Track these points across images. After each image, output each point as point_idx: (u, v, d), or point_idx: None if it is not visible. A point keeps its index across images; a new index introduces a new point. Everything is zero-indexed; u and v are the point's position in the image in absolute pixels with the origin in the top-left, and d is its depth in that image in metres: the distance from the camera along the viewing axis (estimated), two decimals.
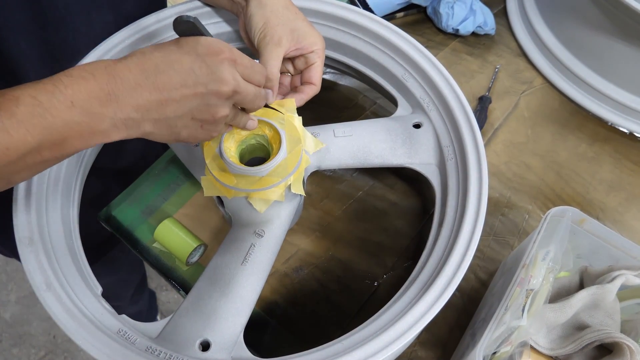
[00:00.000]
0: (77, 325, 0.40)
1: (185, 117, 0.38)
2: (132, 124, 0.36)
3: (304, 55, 0.51)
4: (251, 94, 0.41)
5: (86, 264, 0.46)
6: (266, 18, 0.48)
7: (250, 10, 0.49)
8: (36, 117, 0.32)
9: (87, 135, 0.35)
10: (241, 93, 0.40)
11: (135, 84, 0.35)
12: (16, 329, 1.43)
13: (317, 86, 0.52)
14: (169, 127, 0.38)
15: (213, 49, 0.38)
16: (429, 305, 0.41)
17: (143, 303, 1.25)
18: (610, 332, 0.45)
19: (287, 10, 0.49)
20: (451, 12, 0.79)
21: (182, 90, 0.37)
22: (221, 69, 0.38)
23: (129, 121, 0.36)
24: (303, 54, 0.51)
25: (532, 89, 0.78)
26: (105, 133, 0.36)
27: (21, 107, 0.32)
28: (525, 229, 0.63)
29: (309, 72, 0.52)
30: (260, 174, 0.45)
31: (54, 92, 0.33)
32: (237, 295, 0.46)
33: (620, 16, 0.65)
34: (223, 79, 0.38)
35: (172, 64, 0.37)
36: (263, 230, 0.49)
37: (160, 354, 0.41)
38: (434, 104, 0.55)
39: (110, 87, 0.35)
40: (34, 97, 0.32)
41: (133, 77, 0.35)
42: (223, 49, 0.38)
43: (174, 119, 0.38)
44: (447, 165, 0.52)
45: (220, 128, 0.42)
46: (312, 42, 0.50)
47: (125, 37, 0.55)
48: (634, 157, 0.71)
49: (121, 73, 0.35)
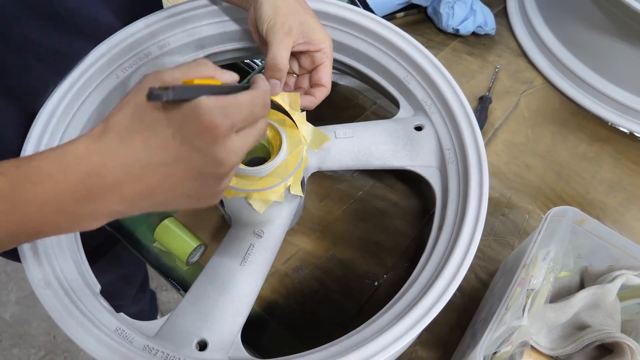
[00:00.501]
0: (74, 323, 0.40)
1: (180, 198, 0.34)
2: (116, 214, 0.33)
3: (311, 54, 0.50)
4: (258, 135, 0.37)
5: (85, 261, 0.46)
6: (277, 7, 0.47)
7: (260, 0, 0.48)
8: (3, 214, 0.29)
9: (64, 229, 0.32)
10: (245, 150, 0.35)
11: (115, 180, 0.31)
12: (16, 329, 1.43)
13: (328, 88, 0.51)
14: (162, 206, 0.34)
15: (204, 125, 0.30)
16: (429, 306, 0.41)
17: (145, 302, 1.25)
18: (610, 332, 0.45)
19: (298, 3, 0.49)
20: (451, 12, 0.79)
21: (171, 179, 0.32)
22: (215, 150, 0.32)
23: (113, 213, 0.32)
24: (310, 50, 0.49)
25: (533, 89, 0.78)
26: (86, 225, 0.32)
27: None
28: (526, 229, 0.63)
29: (317, 72, 0.50)
30: (260, 174, 0.45)
31: (22, 186, 0.29)
32: (235, 295, 0.46)
33: (620, 16, 0.65)
34: (219, 161, 0.32)
35: (155, 153, 0.31)
36: (262, 230, 0.49)
37: (158, 353, 0.41)
38: (435, 107, 0.55)
39: (86, 185, 0.30)
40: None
41: (111, 174, 0.30)
42: (217, 123, 0.31)
43: (166, 202, 0.34)
44: (448, 168, 0.52)
45: (224, 187, 0.36)
46: (321, 39, 0.49)
47: (128, 36, 0.55)
48: (634, 157, 0.71)
49: (98, 168, 0.30)
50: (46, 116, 0.49)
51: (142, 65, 0.57)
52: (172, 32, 0.58)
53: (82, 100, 0.52)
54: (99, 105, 0.54)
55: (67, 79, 0.52)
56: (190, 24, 0.59)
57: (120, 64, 0.55)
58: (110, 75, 0.55)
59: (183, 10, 0.58)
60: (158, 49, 0.57)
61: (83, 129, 0.52)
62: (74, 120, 0.52)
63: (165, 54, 0.58)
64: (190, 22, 0.59)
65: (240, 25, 0.60)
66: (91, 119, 0.54)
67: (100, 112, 0.55)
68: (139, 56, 0.57)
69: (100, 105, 0.54)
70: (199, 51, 0.60)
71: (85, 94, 0.53)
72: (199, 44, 0.60)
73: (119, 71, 0.55)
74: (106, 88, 0.54)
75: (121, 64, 0.56)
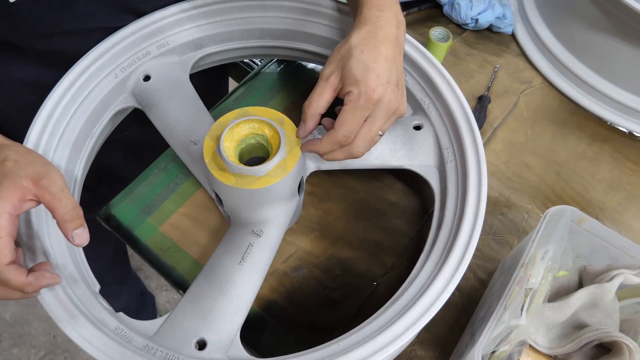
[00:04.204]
0: (74, 323, 0.40)
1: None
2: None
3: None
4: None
5: (84, 260, 0.46)
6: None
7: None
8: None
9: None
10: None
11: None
12: (16, 329, 1.43)
13: (336, 131, 0.45)
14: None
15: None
16: (428, 305, 0.41)
17: (129, 299, 1.22)
18: (609, 331, 0.45)
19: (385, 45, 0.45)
20: (470, 4, 0.80)
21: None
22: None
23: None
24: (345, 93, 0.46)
25: (532, 88, 0.78)
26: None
27: None
28: (525, 228, 0.63)
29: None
30: (259, 173, 0.45)
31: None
32: (234, 294, 0.46)
33: (620, 16, 0.65)
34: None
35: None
36: (261, 229, 0.49)
37: (157, 353, 0.41)
38: (434, 106, 0.55)
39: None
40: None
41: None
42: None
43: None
44: (447, 167, 0.52)
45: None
46: (351, 82, 0.44)
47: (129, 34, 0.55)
48: (634, 156, 0.71)
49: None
50: (45, 115, 0.50)
51: (141, 64, 0.57)
52: (171, 31, 0.58)
53: (81, 100, 0.53)
54: (98, 104, 0.54)
55: (66, 78, 0.52)
56: (189, 24, 0.59)
57: (119, 63, 0.56)
58: (109, 75, 0.55)
59: (182, 10, 0.58)
60: (157, 49, 0.58)
61: (82, 128, 0.53)
62: (72, 120, 0.52)
63: (164, 54, 0.58)
64: (189, 21, 0.59)
65: (239, 25, 0.60)
66: (90, 119, 0.54)
67: (99, 111, 0.55)
68: (137, 55, 0.57)
69: (99, 105, 0.54)
70: (197, 50, 0.60)
71: (85, 93, 0.53)
72: (198, 43, 0.60)
73: (118, 70, 0.56)
74: (105, 87, 0.55)
75: (120, 63, 0.56)
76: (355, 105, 0.44)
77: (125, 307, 1.20)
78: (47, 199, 0.38)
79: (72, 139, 0.51)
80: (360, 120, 0.45)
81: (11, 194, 0.37)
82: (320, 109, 0.46)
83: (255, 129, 0.47)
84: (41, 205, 0.42)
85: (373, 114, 0.45)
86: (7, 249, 0.37)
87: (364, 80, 0.43)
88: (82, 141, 0.53)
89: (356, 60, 0.44)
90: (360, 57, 0.44)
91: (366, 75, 0.43)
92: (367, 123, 0.45)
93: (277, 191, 0.47)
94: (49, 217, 0.45)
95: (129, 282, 1.22)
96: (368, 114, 0.45)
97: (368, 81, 0.43)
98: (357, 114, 0.44)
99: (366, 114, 0.45)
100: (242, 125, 0.47)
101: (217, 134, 0.47)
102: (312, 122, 0.46)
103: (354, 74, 0.44)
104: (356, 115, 0.44)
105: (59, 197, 0.38)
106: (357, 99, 0.44)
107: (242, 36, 0.61)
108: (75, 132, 0.52)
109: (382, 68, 0.44)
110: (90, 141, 0.54)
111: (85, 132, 0.53)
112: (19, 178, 0.38)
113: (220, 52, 0.62)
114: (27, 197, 0.38)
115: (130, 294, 1.22)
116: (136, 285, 1.29)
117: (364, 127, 0.45)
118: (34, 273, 0.38)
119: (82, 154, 0.53)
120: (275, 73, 0.73)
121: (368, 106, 0.44)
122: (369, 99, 0.44)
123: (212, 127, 0.48)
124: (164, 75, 0.57)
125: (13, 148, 0.41)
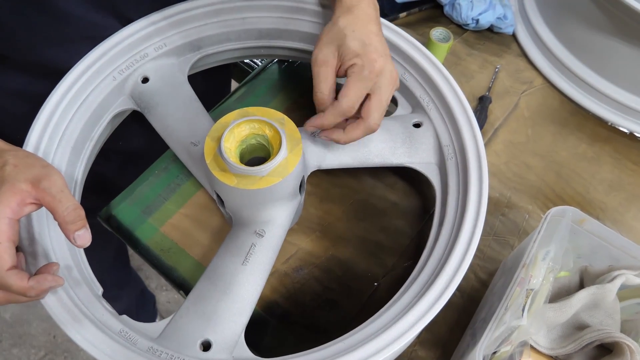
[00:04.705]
0: (78, 325, 0.40)
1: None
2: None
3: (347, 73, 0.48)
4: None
5: (86, 263, 0.46)
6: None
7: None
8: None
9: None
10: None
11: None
12: (16, 329, 1.43)
13: (367, 121, 0.47)
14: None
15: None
16: (429, 305, 0.41)
17: (129, 302, 1.22)
18: (610, 332, 0.45)
19: (361, 22, 0.48)
20: (471, 4, 0.80)
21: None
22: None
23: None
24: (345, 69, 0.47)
25: (532, 88, 0.78)
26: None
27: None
28: (526, 228, 0.63)
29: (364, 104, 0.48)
30: (260, 173, 0.45)
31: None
32: (238, 295, 0.46)
33: (620, 16, 0.65)
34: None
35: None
36: (264, 230, 0.49)
37: (162, 355, 0.41)
38: (433, 103, 0.55)
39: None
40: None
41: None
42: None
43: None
44: (447, 164, 0.52)
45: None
46: (349, 53, 0.46)
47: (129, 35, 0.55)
48: (634, 157, 0.71)
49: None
50: (44, 119, 0.49)
51: (139, 66, 0.57)
52: (169, 33, 0.58)
53: (79, 103, 0.52)
54: (97, 107, 0.54)
55: (64, 81, 0.52)
56: (187, 25, 0.59)
57: (117, 65, 0.55)
58: (107, 77, 0.55)
59: (180, 11, 0.58)
60: (155, 50, 0.58)
61: (81, 131, 0.53)
62: (71, 123, 0.52)
63: (162, 55, 0.58)
64: (187, 23, 0.59)
65: (237, 25, 0.60)
66: (89, 122, 0.54)
67: (98, 114, 0.55)
68: (135, 57, 0.57)
69: (98, 107, 0.54)
70: (195, 52, 0.60)
71: (83, 96, 0.53)
72: (196, 44, 0.60)
73: (116, 73, 0.55)
74: (104, 90, 0.54)
75: (118, 66, 0.56)
76: (359, 76, 0.45)
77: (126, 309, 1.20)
78: (48, 201, 0.38)
79: (71, 142, 0.51)
80: (364, 92, 0.46)
81: (10, 198, 0.37)
82: (332, 93, 0.47)
83: (256, 129, 0.47)
84: (42, 208, 0.42)
85: (379, 84, 0.46)
86: (8, 254, 0.36)
87: (364, 53, 0.45)
88: (82, 144, 0.53)
89: (351, 38, 0.46)
90: (354, 36, 0.46)
91: (365, 49, 0.45)
92: (376, 94, 0.46)
93: (279, 191, 0.47)
94: (51, 220, 0.45)
95: (130, 285, 1.22)
96: (371, 86, 0.46)
97: (368, 54, 0.45)
98: (360, 85, 0.45)
99: (369, 85, 0.46)
100: (243, 125, 0.47)
101: (217, 135, 0.47)
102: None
103: (354, 49, 0.45)
104: (360, 86, 0.45)
105: (59, 198, 0.38)
106: (361, 70, 0.45)
107: (240, 36, 0.61)
108: (74, 135, 0.52)
109: (377, 42, 0.46)
110: (90, 144, 0.54)
111: (84, 135, 0.53)
112: (18, 182, 0.38)
113: (218, 53, 0.62)
114: (27, 201, 0.38)
115: (130, 297, 1.22)
116: (137, 286, 1.29)
117: (374, 98, 0.46)
118: (35, 277, 0.37)
119: (82, 157, 0.53)
120: (276, 73, 0.73)
121: (371, 77, 0.45)
122: (372, 70, 0.45)
123: (213, 128, 0.48)
124: (162, 77, 0.57)
125: (12, 152, 0.40)
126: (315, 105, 0.48)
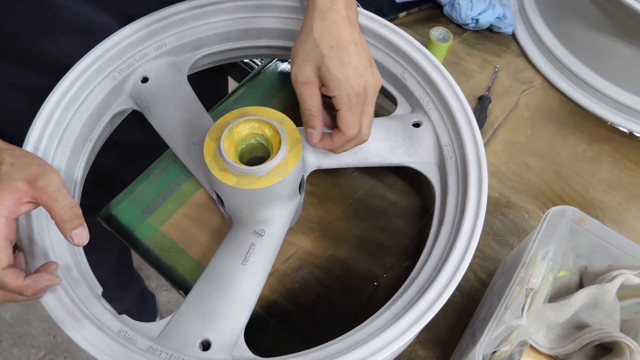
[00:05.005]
0: (78, 325, 0.40)
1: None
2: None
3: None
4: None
5: (86, 263, 0.46)
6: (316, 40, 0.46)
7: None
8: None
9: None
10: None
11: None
12: (16, 329, 1.43)
13: (347, 134, 0.47)
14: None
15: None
16: (428, 305, 0.41)
17: (131, 302, 1.22)
18: (609, 332, 0.45)
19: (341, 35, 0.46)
20: (470, 4, 0.80)
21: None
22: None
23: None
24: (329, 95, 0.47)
25: (532, 88, 0.78)
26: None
27: None
28: (525, 228, 0.63)
29: (338, 117, 0.47)
30: (260, 173, 0.45)
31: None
32: (238, 294, 0.46)
33: (620, 16, 0.65)
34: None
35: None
36: (263, 229, 0.49)
37: (162, 354, 0.41)
38: (433, 103, 0.56)
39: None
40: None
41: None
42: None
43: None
44: (447, 164, 0.52)
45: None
46: (334, 86, 0.45)
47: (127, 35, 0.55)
48: (634, 156, 0.71)
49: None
50: (44, 119, 0.49)
51: (138, 66, 0.57)
52: (169, 32, 0.58)
53: (79, 103, 0.52)
54: (97, 107, 0.54)
55: (64, 80, 0.52)
56: (186, 25, 0.59)
57: (117, 65, 0.55)
58: (107, 77, 0.55)
59: (179, 11, 0.58)
60: (154, 50, 0.58)
61: (81, 131, 0.53)
62: (71, 123, 0.52)
63: (161, 55, 0.58)
64: (187, 22, 0.59)
65: (236, 25, 0.60)
66: (89, 121, 0.54)
67: (98, 114, 0.55)
68: (135, 57, 0.57)
69: (98, 107, 0.54)
70: (195, 52, 0.60)
71: (83, 96, 0.53)
72: (195, 44, 0.60)
73: (116, 72, 0.56)
74: (103, 90, 0.54)
75: (118, 66, 0.56)
76: (349, 105, 0.46)
77: (127, 309, 1.20)
78: (44, 199, 0.38)
79: (71, 142, 0.51)
80: (360, 114, 0.47)
81: (7, 197, 0.37)
82: (319, 109, 0.47)
83: (255, 128, 0.47)
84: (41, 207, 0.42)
85: (366, 102, 0.47)
86: (4, 253, 0.36)
87: (345, 79, 0.45)
88: (82, 144, 0.53)
89: (329, 58, 0.44)
90: (332, 54, 0.45)
91: (346, 72, 0.45)
92: (365, 112, 0.48)
93: (279, 190, 0.47)
94: (50, 220, 0.45)
95: (132, 287, 1.22)
96: (361, 107, 0.47)
97: (350, 78, 0.45)
98: (355, 111, 0.47)
99: (360, 107, 0.47)
100: (242, 125, 0.47)
101: (217, 135, 0.47)
102: (319, 124, 0.48)
103: (335, 76, 0.44)
104: (355, 113, 0.47)
105: (56, 197, 0.38)
106: (349, 100, 0.46)
107: (239, 36, 0.61)
108: (74, 135, 0.52)
109: (355, 56, 0.45)
110: (90, 144, 0.54)
111: (84, 134, 0.53)
112: (14, 181, 0.38)
113: (218, 53, 0.62)
114: (24, 200, 0.38)
115: (131, 298, 1.22)
116: (138, 287, 1.29)
117: (364, 117, 0.48)
118: (31, 276, 0.37)
119: (82, 156, 0.53)
120: (276, 73, 0.73)
121: (359, 100, 0.46)
122: (358, 95, 0.46)
123: (212, 128, 0.48)
124: (162, 77, 0.57)
125: (9, 151, 0.40)
126: (303, 121, 0.48)
